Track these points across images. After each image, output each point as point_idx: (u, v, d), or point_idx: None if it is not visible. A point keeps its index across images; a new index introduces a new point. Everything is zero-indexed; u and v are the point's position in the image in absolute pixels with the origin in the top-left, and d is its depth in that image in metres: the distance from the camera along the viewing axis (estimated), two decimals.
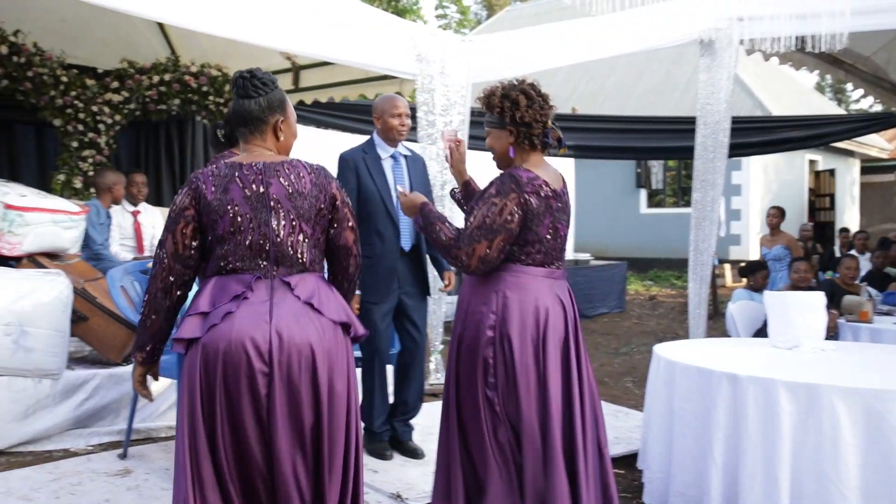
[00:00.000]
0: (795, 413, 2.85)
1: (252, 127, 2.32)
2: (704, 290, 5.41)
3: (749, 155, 13.03)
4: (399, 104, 3.97)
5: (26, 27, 6.20)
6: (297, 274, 2.25)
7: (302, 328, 2.17)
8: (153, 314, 2.28)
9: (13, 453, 3.98)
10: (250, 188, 2.22)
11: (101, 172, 5.91)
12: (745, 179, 15.56)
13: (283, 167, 2.28)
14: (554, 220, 2.62)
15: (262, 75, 2.34)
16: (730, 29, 5.18)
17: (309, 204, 2.26)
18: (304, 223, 2.26)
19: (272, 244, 2.22)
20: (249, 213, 2.21)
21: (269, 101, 2.32)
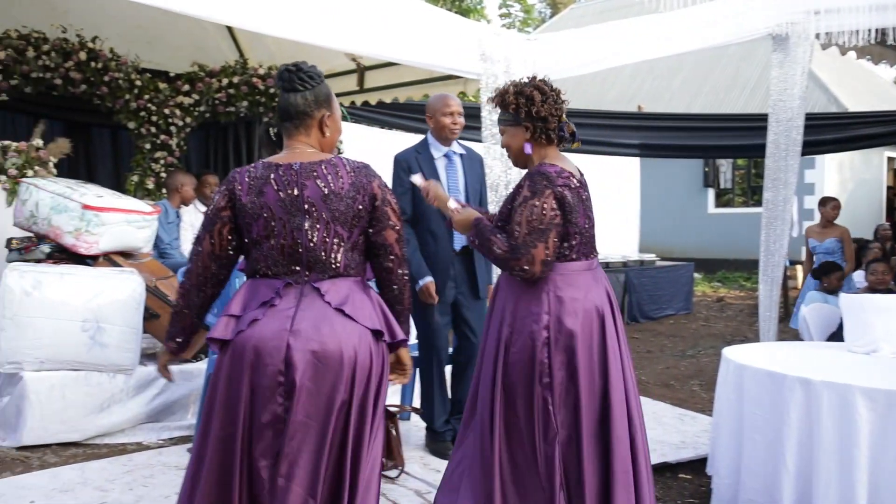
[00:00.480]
0: (874, 420, 2.75)
1: (297, 122, 2.29)
2: (775, 292, 5.26)
3: (823, 153, 12.61)
4: (451, 102, 3.96)
5: (103, 33, 6.42)
6: (330, 279, 2.20)
7: (323, 335, 2.11)
8: (186, 308, 2.32)
9: (89, 445, 4.12)
10: (285, 191, 2.18)
11: (171, 174, 6.13)
12: (820, 178, 15.07)
13: (321, 167, 2.22)
14: (586, 209, 2.65)
15: (307, 69, 2.31)
16: (805, 23, 5.02)
17: (346, 206, 2.20)
18: (340, 226, 2.20)
19: (304, 249, 2.18)
20: (283, 216, 2.17)
21: (315, 96, 2.29)
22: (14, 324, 3.97)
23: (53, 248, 4.64)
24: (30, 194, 4.60)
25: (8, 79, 6.00)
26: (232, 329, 2.17)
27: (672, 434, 4.48)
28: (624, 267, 9.66)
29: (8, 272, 4.05)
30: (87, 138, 7.60)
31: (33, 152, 5.21)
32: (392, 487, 3.53)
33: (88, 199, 4.58)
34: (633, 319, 9.52)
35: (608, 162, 10.78)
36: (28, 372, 4.01)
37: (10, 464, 3.79)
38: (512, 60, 5.24)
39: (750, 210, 15.56)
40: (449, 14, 5.44)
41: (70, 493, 3.39)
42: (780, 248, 5.22)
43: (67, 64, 6.21)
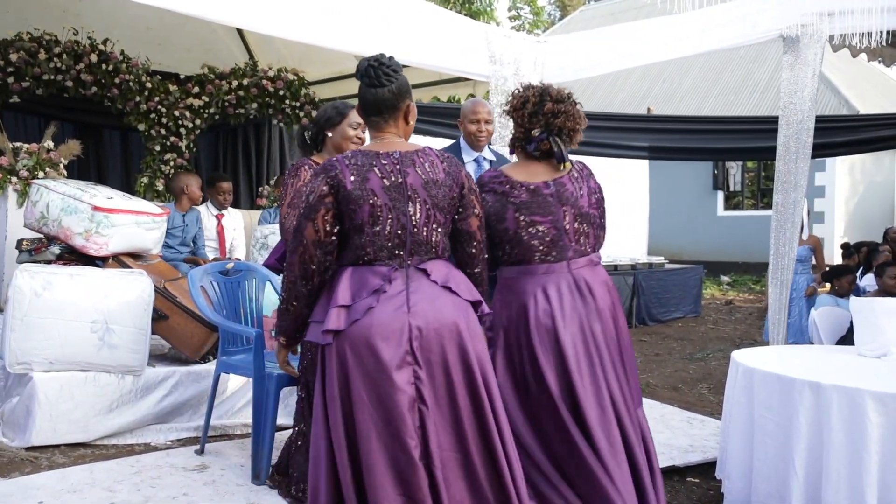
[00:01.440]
0: (885, 425, 2.73)
1: (387, 115, 2.36)
2: (785, 296, 5.23)
3: (834, 155, 12.57)
4: (479, 109, 3.95)
5: (114, 36, 6.46)
6: (430, 260, 2.31)
7: (440, 311, 2.24)
8: (294, 301, 2.33)
9: (97, 446, 4.13)
10: (389, 178, 2.26)
11: (174, 177, 6.01)
12: (830, 181, 15.01)
13: (418, 156, 2.32)
14: (524, 213, 2.67)
15: (388, 62, 2.37)
16: (816, 24, 5.00)
17: (443, 193, 2.32)
18: (439, 212, 2.31)
19: (409, 234, 2.27)
20: (388, 202, 2.25)
21: (399, 87, 2.36)
22: (24, 324, 3.99)
23: (63, 250, 4.66)
24: (40, 195, 4.63)
25: (20, 81, 6.04)
26: (345, 319, 2.21)
27: (680, 437, 4.46)
28: (632, 269, 9.65)
29: (18, 273, 4.06)
30: (97, 140, 7.65)
31: (44, 154, 5.24)
32: None
33: (98, 200, 4.59)
34: (642, 322, 9.50)
35: (617, 164, 10.75)
36: (37, 372, 4.03)
37: (19, 464, 3.80)
38: (521, 62, 5.24)
39: (759, 213, 15.51)
40: (458, 16, 5.44)
41: (78, 494, 3.39)
42: (790, 250, 5.19)
43: (79, 66, 6.25)
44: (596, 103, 18.30)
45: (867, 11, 4.80)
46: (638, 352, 7.83)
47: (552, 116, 2.70)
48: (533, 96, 2.73)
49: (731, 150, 9.61)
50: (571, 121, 2.75)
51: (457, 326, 2.24)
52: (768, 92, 15.70)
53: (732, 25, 5.27)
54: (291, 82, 7.00)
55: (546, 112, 2.70)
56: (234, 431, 4.42)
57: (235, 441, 4.26)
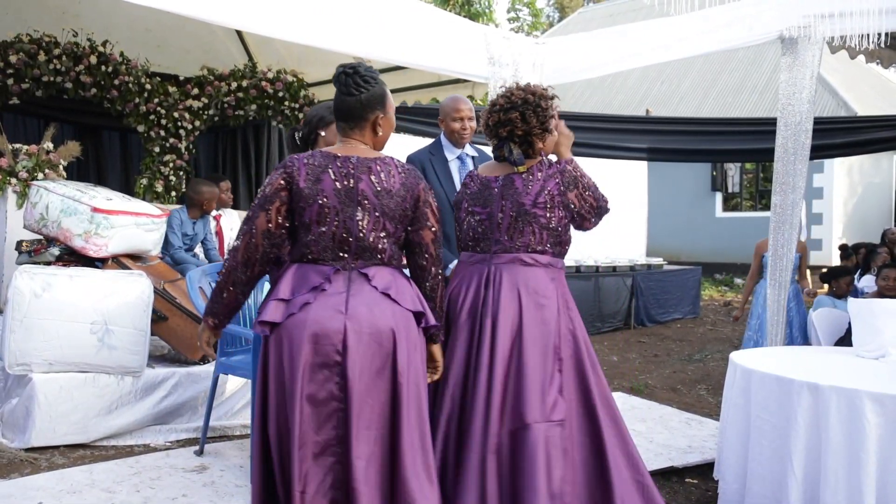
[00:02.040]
0: (883, 425, 2.73)
1: (352, 123, 2.39)
2: (783, 297, 5.24)
3: (832, 157, 12.57)
4: (461, 107, 3.93)
5: (114, 37, 6.46)
6: (375, 266, 2.32)
7: (377, 317, 2.23)
8: (231, 286, 2.36)
9: (97, 447, 4.14)
10: (341, 181, 2.30)
11: (196, 187, 5.75)
12: (828, 182, 15.02)
13: (376, 164, 2.34)
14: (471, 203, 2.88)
15: (364, 71, 2.37)
16: (814, 26, 5.00)
17: (395, 203, 2.34)
18: (388, 221, 2.33)
19: (355, 238, 2.30)
20: (337, 205, 2.28)
21: (369, 98, 2.37)
22: (23, 326, 3.99)
23: (63, 251, 4.67)
24: (40, 197, 4.63)
25: (19, 82, 6.04)
26: (282, 312, 2.26)
27: (679, 438, 4.47)
28: (631, 270, 9.65)
29: (18, 274, 4.07)
30: (97, 141, 7.65)
31: (44, 155, 5.25)
32: None
33: (98, 201, 4.60)
34: (640, 323, 9.51)
35: (616, 166, 10.76)
36: (37, 374, 4.03)
37: (19, 465, 3.80)
38: (520, 64, 5.24)
39: (758, 214, 15.52)
40: (457, 18, 5.44)
41: (77, 495, 3.40)
42: (789, 252, 5.20)
43: (78, 68, 6.25)
44: (595, 105, 18.33)
45: (865, 13, 4.80)
46: (636, 353, 7.84)
47: (499, 127, 2.82)
48: (485, 111, 2.88)
49: (730, 152, 9.62)
50: (521, 127, 2.78)
51: (392, 334, 2.25)
52: (766, 93, 15.72)
53: (731, 27, 5.27)
54: (291, 84, 7.01)
55: (492, 125, 2.85)
56: (233, 432, 4.42)
57: (235, 442, 4.27)
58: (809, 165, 5.31)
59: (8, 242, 5.11)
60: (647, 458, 4.03)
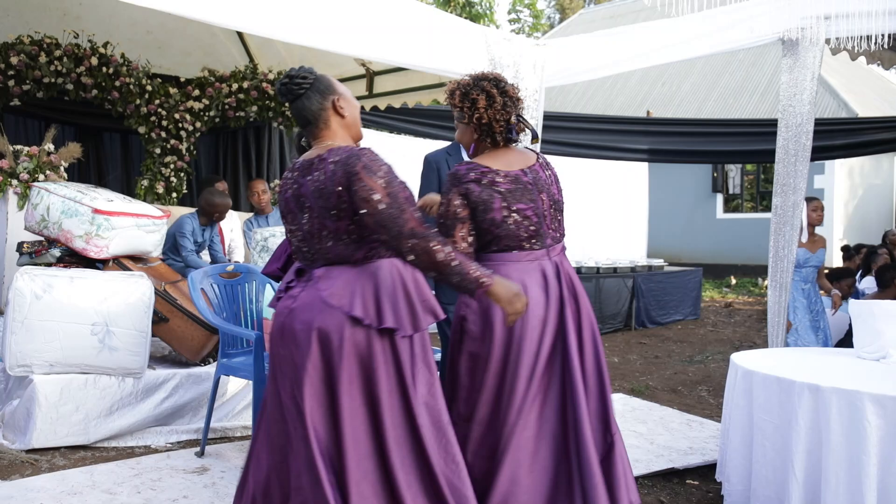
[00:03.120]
0: (883, 427, 2.73)
1: (313, 122, 2.41)
2: (784, 298, 5.24)
3: (833, 158, 12.58)
4: None
5: (115, 39, 6.47)
6: (324, 267, 2.33)
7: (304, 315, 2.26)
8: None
9: (98, 448, 4.14)
10: (292, 188, 2.37)
11: (211, 199, 5.70)
12: (829, 183, 15.02)
13: (316, 162, 2.32)
14: (510, 201, 2.65)
15: (296, 72, 2.42)
16: (815, 27, 5.01)
17: (326, 201, 2.27)
18: (326, 219, 2.28)
19: (307, 242, 2.35)
20: (294, 211, 2.37)
21: (315, 89, 2.41)
22: (24, 327, 4.00)
23: (64, 252, 4.67)
24: (41, 198, 4.63)
25: (20, 84, 6.05)
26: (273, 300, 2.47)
27: (680, 440, 4.47)
28: (632, 272, 9.64)
29: (18, 276, 4.07)
30: (97, 143, 7.65)
31: (45, 156, 5.25)
32: None
33: (99, 203, 4.60)
34: (641, 325, 9.50)
35: (617, 167, 10.78)
36: (37, 375, 4.03)
37: (19, 466, 3.81)
38: (521, 65, 5.24)
39: (759, 215, 15.52)
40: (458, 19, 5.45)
41: (78, 496, 3.40)
42: (789, 253, 5.20)
43: (79, 69, 6.25)
44: (595, 106, 18.33)
45: (866, 15, 4.81)
46: (637, 354, 7.84)
47: (516, 101, 2.72)
48: (493, 87, 2.69)
49: (731, 153, 9.63)
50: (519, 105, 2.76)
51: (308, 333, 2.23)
52: (767, 95, 15.73)
53: (732, 28, 5.27)
54: None
55: (513, 96, 2.71)
56: (234, 434, 4.42)
57: (235, 443, 4.27)
58: (810, 167, 5.32)
59: (9, 244, 5.11)
60: (647, 460, 4.04)
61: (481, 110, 2.67)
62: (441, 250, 2.24)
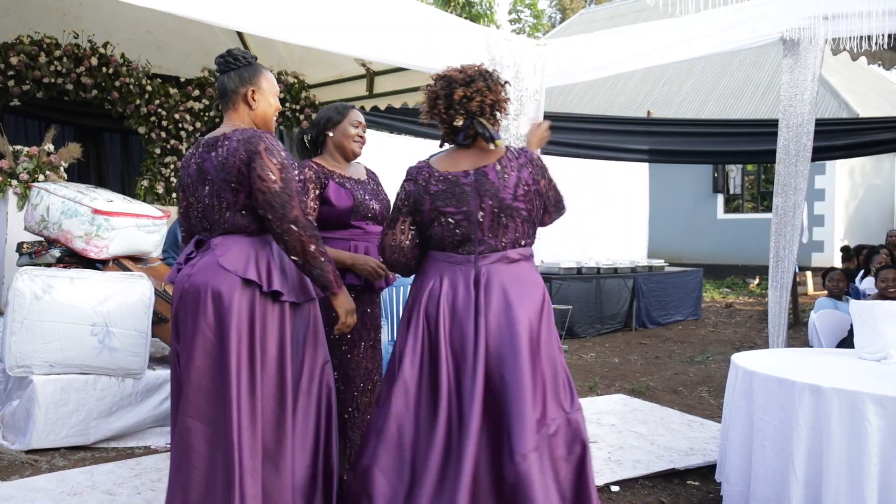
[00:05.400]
0: (884, 428, 2.73)
1: (226, 99, 2.61)
2: (785, 299, 5.24)
3: (834, 158, 12.57)
4: None
5: (115, 39, 6.46)
6: (221, 235, 2.53)
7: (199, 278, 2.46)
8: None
9: (98, 448, 4.14)
10: (196, 163, 2.56)
11: None
12: (830, 184, 15.02)
13: (220, 140, 2.53)
14: (438, 204, 2.60)
15: (236, 52, 2.63)
16: (816, 28, 5.00)
17: (226, 173, 2.48)
18: (225, 192, 2.50)
19: (205, 213, 2.54)
20: (193, 185, 2.57)
21: (239, 75, 2.60)
22: (24, 327, 3.99)
23: (64, 253, 4.66)
24: (41, 198, 4.63)
25: (20, 84, 6.04)
26: (174, 273, 2.62)
27: (680, 440, 4.46)
28: (632, 272, 9.64)
29: (18, 276, 4.07)
30: (97, 143, 7.64)
31: (45, 157, 5.24)
32: None
33: (99, 203, 4.60)
34: (642, 325, 9.50)
35: (617, 167, 10.77)
36: (37, 375, 4.03)
37: (19, 467, 3.80)
38: (521, 66, 5.24)
39: (759, 216, 15.52)
40: (458, 19, 5.44)
41: (78, 497, 3.40)
42: (790, 254, 5.20)
43: (79, 69, 6.25)
44: (596, 106, 18.33)
45: (867, 15, 4.81)
46: (638, 355, 7.83)
47: (466, 101, 2.62)
48: (441, 89, 2.66)
49: (731, 154, 9.63)
50: (490, 97, 2.64)
51: (200, 292, 2.43)
52: (768, 95, 15.72)
53: (733, 29, 5.27)
54: (291, 85, 7.01)
55: (459, 99, 2.62)
56: None
57: None
58: (811, 167, 5.32)
59: (9, 244, 5.11)
60: (648, 460, 4.03)
61: (424, 112, 2.73)
62: (313, 243, 2.50)
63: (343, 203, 3.13)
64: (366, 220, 3.20)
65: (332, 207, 3.13)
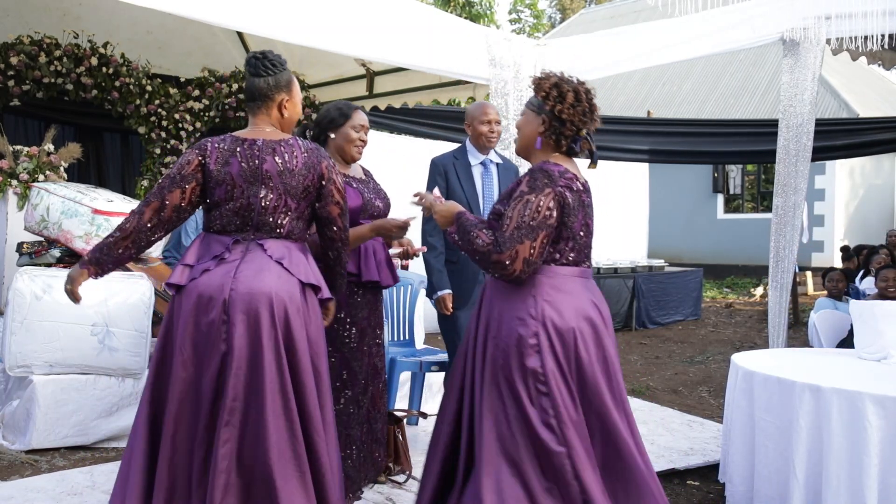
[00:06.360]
0: (884, 428, 2.73)
1: (259, 103, 2.58)
2: (785, 299, 5.24)
3: (834, 158, 12.56)
4: (489, 111, 3.94)
5: (115, 39, 6.47)
6: (272, 239, 2.51)
7: (261, 280, 2.41)
8: (130, 243, 2.54)
9: (97, 449, 4.13)
10: (247, 163, 2.50)
11: None
12: (830, 184, 15.02)
13: (280, 145, 2.53)
14: (585, 215, 2.49)
15: (272, 57, 2.59)
16: (816, 28, 5.01)
17: (297, 181, 2.51)
18: (290, 198, 2.51)
19: (257, 213, 2.49)
20: (243, 184, 2.49)
21: (276, 81, 2.57)
22: (24, 328, 3.99)
23: (64, 253, 4.66)
24: (41, 198, 4.63)
25: (20, 84, 6.04)
26: (187, 276, 2.47)
27: (680, 440, 4.46)
28: (632, 272, 9.64)
29: (18, 276, 4.07)
30: (97, 143, 7.64)
31: (44, 157, 5.24)
32: (400, 492, 3.53)
33: (99, 203, 4.60)
34: (642, 325, 9.50)
35: (617, 167, 10.76)
36: (37, 375, 4.03)
37: (19, 467, 3.80)
38: (521, 66, 5.24)
39: (759, 216, 15.51)
40: (458, 19, 5.45)
41: (78, 497, 3.40)
42: (790, 254, 5.20)
43: (79, 69, 6.25)
44: None
45: (867, 15, 4.81)
46: (638, 355, 7.84)
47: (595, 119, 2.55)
48: (585, 94, 2.53)
49: (731, 154, 9.63)
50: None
51: (272, 295, 2.39)
52: (768, 95, 15.72)
53: (733, 29, 5.28)
54: None
55: (594, 111, 2.54)
56: None
57: None
58: (811, 167, 5.32)
59: (8, 244, 5.11)
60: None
61: (566, 105, 2.48)
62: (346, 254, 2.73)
63: (353, 202, 3.13)
64: (371, 218, 3.21)
65: None
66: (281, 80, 2.58)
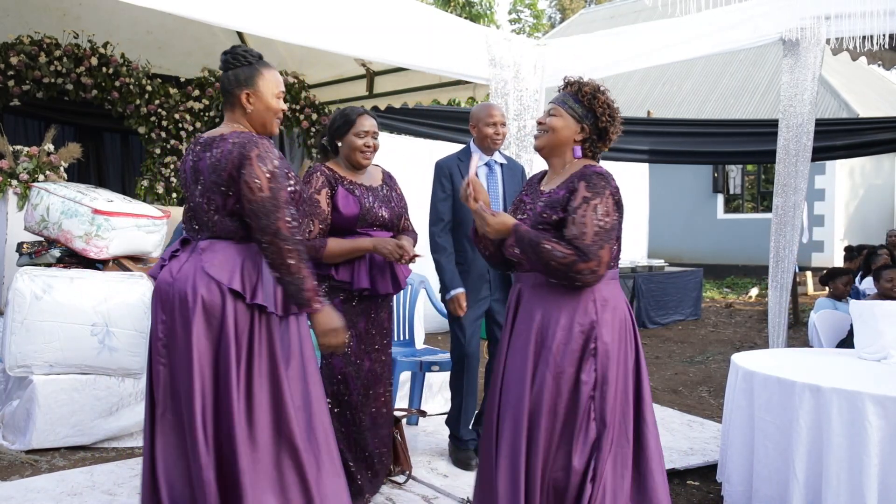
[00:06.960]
0: (884, 428, 2.73)
1: (226, 98, 2.57)
2: (785, 299, 5.24)
3: (834, 158, 12.56)
4: (494, 113, 3.92)
5: (115, 39, 6.47)
6: (209, 239, 2.48)
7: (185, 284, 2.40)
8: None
9: (98, 449, 4.13)
10: (192, 161, 2.52)
11: None
12: (830, 184, 15.02)
13: (217, 141, 2.47)
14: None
15: (239, 51, 2.55)
16: (816, 28, 5.01)
17: (218, 176, 2.42)
18: (215, 194, 2.44)
19: (195, 212, 2.51)
20: (190, 183, 2.53)
21: (236, 75, 2.53)
22: (24, 328, 3.99)
23: (64, 253, 4.66)
24: (41, 198, 4.63)
25: (20, 84, 6.04)
26: (156, 268, 2.59)
27: (680, 440, 4.46)
28: (632, 272, 9.64)
29: (18, 276, 4.07)
30: (97, 143, 7.65)
31: (44, 157, 5.24)
32: (399, 493, 3.53)
33: (99, 203, 4.59)
34: (642, 325, 9.49)
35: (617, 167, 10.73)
36: (37, 375, 4.03)
37: (19, 467, 3.80)
38: (521, 66, 5.24)
39: (759, 216, 15.52)
40: (458, 19, 5.45)
41: (78, 497, 3.39)
42: (790, 254, 5.20)
43: (79, 69, 6.25)
44: None
45: (867, 15, 4.81)
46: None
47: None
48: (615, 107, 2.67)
49: (731, 154, 9.63)
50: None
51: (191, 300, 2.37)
52: (768, 95, 15.72)
53: (732, 29, 5.28)
54: (292, 85, 7.01)
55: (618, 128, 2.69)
56: None
57: None
58: (811, 167, 5.32)
59: (8, 244, 5.11)
60: None
61: (613, 123, 2.62)
62: (293, 257, 2.37)
63: (349, 210, 3.13)
64: (373, 227, 3.20)
65: (340, 214, 3.14)
66: (241, 75, 2.52)
